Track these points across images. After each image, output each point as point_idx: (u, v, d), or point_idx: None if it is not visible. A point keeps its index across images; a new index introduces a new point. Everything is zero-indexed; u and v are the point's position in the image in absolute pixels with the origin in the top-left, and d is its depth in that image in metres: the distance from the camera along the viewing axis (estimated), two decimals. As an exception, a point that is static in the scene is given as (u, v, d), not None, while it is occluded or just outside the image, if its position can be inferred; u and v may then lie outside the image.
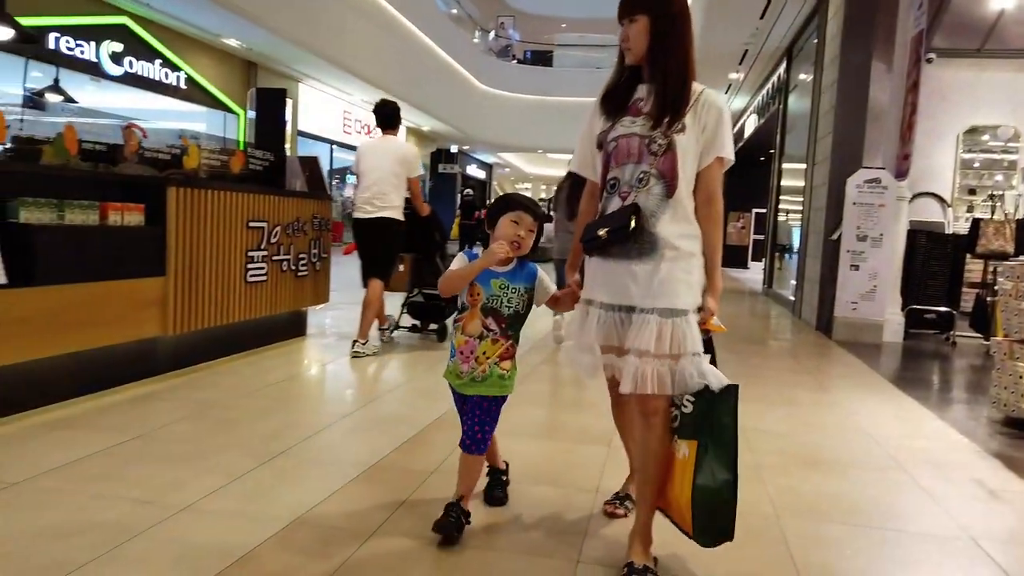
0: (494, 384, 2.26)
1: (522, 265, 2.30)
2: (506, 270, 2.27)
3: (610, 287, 2.09)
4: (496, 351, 2.25)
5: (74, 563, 1.95)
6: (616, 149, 2.09)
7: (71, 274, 3.36)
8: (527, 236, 2.26)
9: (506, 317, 2.26)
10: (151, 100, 11.99)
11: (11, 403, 3.17)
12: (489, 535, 2.31)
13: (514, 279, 2.27)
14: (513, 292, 2.26)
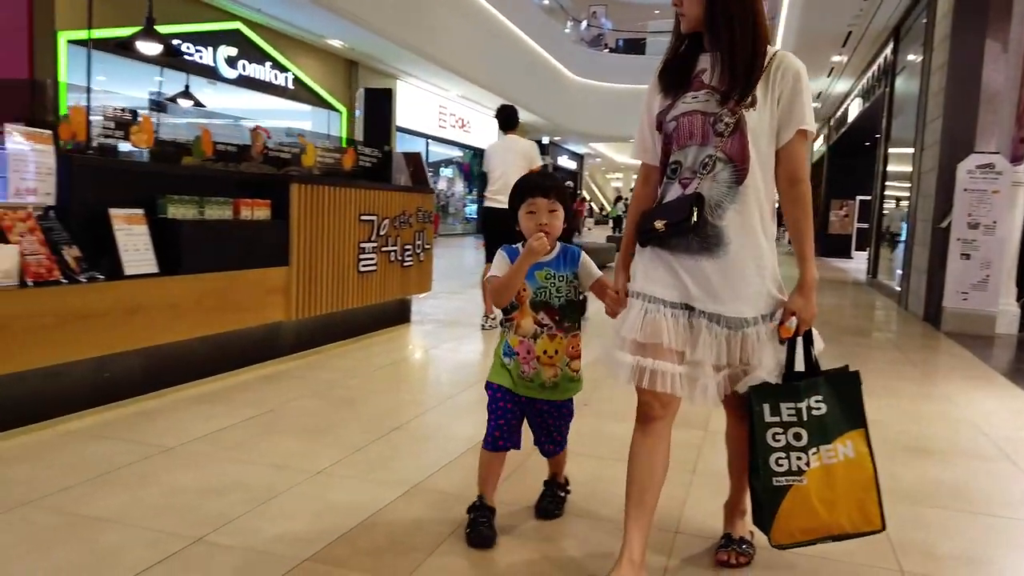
0: (565, 388, 2.16)
1: (564, 250, 2.15)
2: (549, 259, 2.12)
3: (667, 282, 1.83)
4: (556, 347, 2.11)
5: (231, 515, 2.24)
6: (677, 129, 1.83)
7: (210, 264, 3.73)
8: (552, 218, 2.07)
9: (558, 308, 2.11)
10: (262, 101, 12.71)
11: (162, 380, 3.56)
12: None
13: (559, 266, 2.13)
14: (560, 280, 2.11)
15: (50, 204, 3.10)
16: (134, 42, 5.40)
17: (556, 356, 2.12)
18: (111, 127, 3.52)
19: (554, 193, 2.09)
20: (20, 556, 1.95)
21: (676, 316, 1.81)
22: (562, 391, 2.16)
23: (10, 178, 2.93)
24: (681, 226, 1.76)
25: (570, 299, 2.13)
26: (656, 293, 1.82)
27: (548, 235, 2.05)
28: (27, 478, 2.45)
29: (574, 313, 2.14)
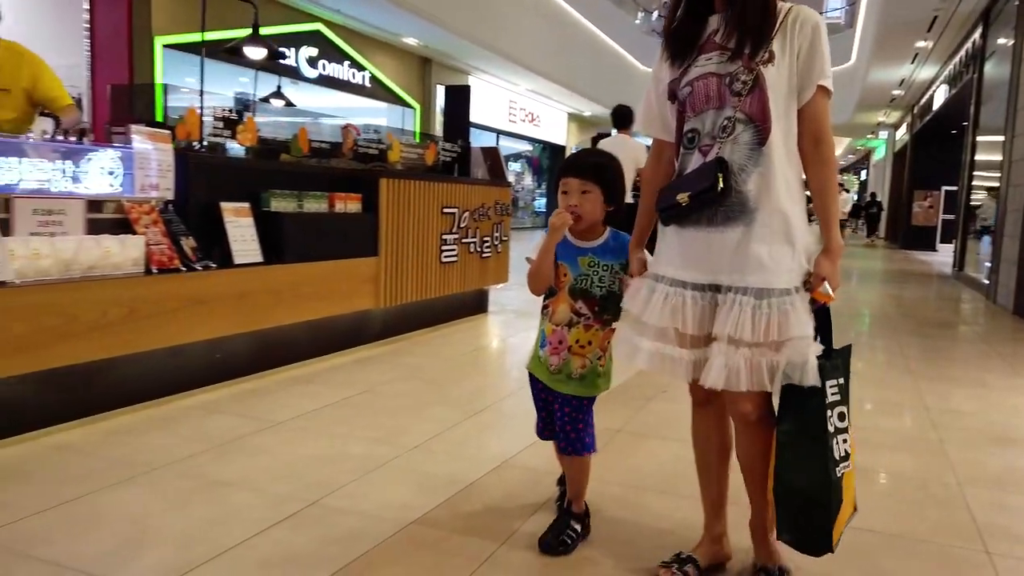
0: (590, 384, 2.04)
1: (614, 236, 2.01)
2: (594, 244, 2.00)
3: (690, 260, 1.73)
4: (590, 338, 2.00)
5: (341, 482, 2.44)
6: (692, 95, 1.72)
7: (308, 254, 3.97)
8: (584, 200, 1.93)
9: (598, 299, 1.99)
10: (340, 99, 13.14)
11: (266, 361, 3.83)
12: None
13: (603, 254, 1.99)
14: (604, 270, 1.99)
15: (169, 198, 3.38)
16: (241, 47, 5.76)
17: (588, 348, 2.01)
18: (220, 126, 3.80)
19: (590, 173, 1.95)
20: (163, 512, 2.19)
21: (697, 299, 1.71)
22: (588, 385, 2.03)
23: (136, 175, 3.22)
24: (706, 195, 1.65)
25: (612, 291, 1.98)
26: (679, 275, 1.74)
27: (580, 218, 1.93)
28: (160, 446, 2.71)
29: (615, 306, 1.98)
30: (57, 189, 2.95)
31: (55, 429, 2.80)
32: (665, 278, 1.77)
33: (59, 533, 2.01)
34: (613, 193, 1.99)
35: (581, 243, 2.00)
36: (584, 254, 2.00)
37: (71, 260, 2.85)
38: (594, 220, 1.98)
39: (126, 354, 3.05)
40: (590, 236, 2.00)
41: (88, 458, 2.57)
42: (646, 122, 1.93)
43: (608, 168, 2.00)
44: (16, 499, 2.21)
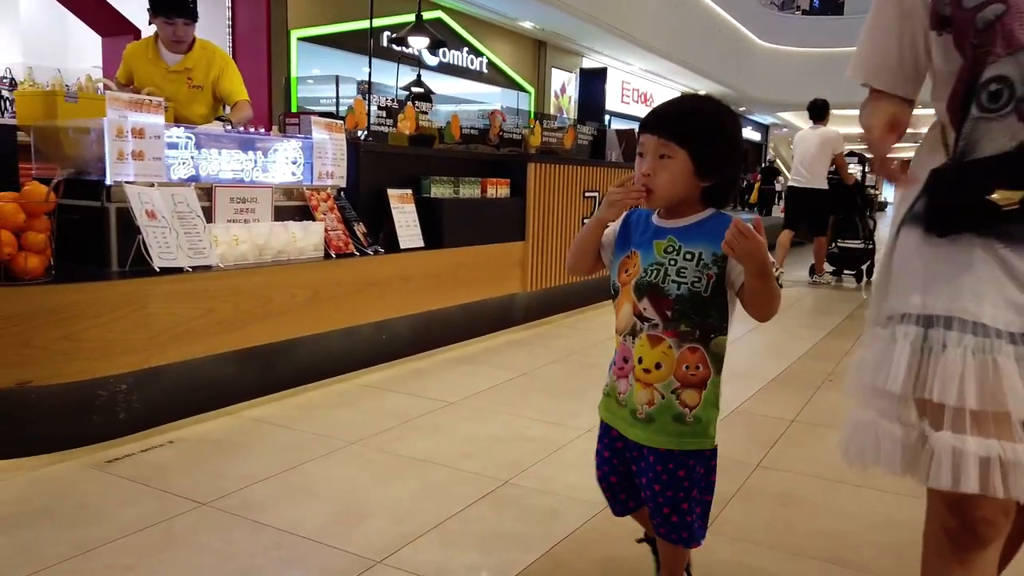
0: (667, 430, 1.39)
1: (711, 219, 1.40)
2: (679, 224, 1.40)
3: (1011, 298, 1.11)
4: (659, 358, 1.38)
5: (525, 463, 2.49)
6: (1004, 18, 1.08)
7: (464, 239, 4.06)
8: (661, 166, 1.36)
9: (674, 299, 1.36)
10: (459, 85, 13.33)
11: (426, 342, 3.95)
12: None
13: (690, 238, 1.38)
14: (689, 259, 1.36)
15: (342, 186, 3.52)
16: (406, 37, 6.18)
17: (656, 373, 1.38)
18: (383, 116, 3.92)
19: (671, 128, 1.35)
20: (367, 487, 2.30)
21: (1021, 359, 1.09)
22: (660, 432, 1.39)
23: (314, 163, 3.38)
24: None
25: (696, 291, 1.35)
26: (989, 319, 1.10)
27: (649, 193, 1.37)
28: (350, 422, 2.85)
29: (703, 315, 1.36)
30: (249, 178, 3.13)
31: (252, 403, 2.99)
32: (962, 321, 1.10)
33: (281, 501, 2.15)
34: (710, 160, 1.36)
35: (664, 222, 1.42)
36: (663, 236, 1.40)
37: (264, 245, 3.03)
38: (672, 197, 1.38)
39: (308, 335, 3.21)
40: (680, 213, 1.41)
41: (288, 432, 2.73)
42: (877, 68, 1.32)
43: (704, 121, 1.38)
44: (236, 469, 2.37)
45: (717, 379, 1.41)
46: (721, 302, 1.38)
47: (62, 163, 2.76)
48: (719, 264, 1.36)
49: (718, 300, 1.37)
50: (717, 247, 1.32)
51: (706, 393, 1.40)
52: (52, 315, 2.30)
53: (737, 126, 1.43)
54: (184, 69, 3.49)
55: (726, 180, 1.40)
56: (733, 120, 1.43)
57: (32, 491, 2.16)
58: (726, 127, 1.40)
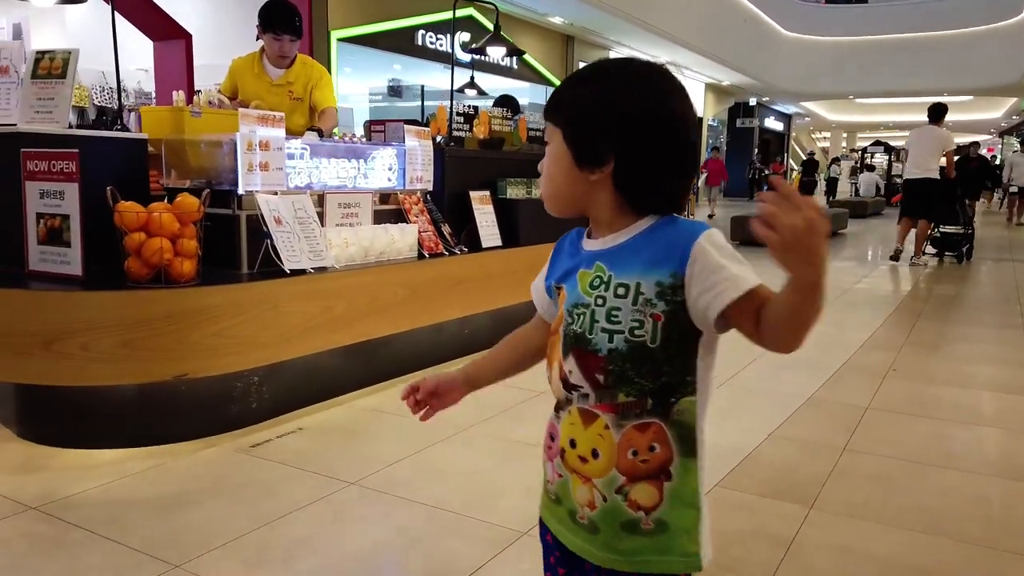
0: (618, 544, 0.96)
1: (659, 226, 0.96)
2: (608, 244, 0.97)
3: None
4: (593, 442, 0.96)
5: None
6: None
7: (536, 237, 4.27)
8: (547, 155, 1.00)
9: (605, 357, 0.94)
10: (490, 81, 13.51)
11: (505, 335, 4.17)
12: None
13: (623, 263, 0.95)
14: (621, 294, 0.93)
15: (429, 189, 3.74)
16: (484, 47, 6.61)
17: (593, 464, 0.96)
18: (460, 121, 4.13)
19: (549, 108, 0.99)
20: (493, 468, 2.52)
21: None
22: (607, 548, 0.96)
23: (407, 169, 3.60)
24: None
25: (639, 341, 0.92)
26: None
27: None
28: (457, 411, 3.06)
29: (652, 374, 0.92)
30: (352, 185, 3.36)
31: (360, 394, 3.23)
32: None
33: (420, 481, 2.38)
34: (586, 137, 0.94)
35: (592, 243, 0.99)
36: (589, 263, 0.97)
37: (369, 247, 3.25)
38: (555, 197, 1.00)
39: (405, 330, 3.44)
40: (610, 227, 0.97)
41: (402, 419, 2.95)
42: None
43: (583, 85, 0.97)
44: (369, 452, 2.61)
45: (689, 463, 0.93)
46: (681, 350, 0.91)
47: (190, 174, 3.00)
48: (668, 296, 0.89)
49: (674, 348, 0.90)
50: (664, 269, 0.89)
51: (672, 486, 0.92)
52: (203, 314, 2.54)
53: (647, 87, 0.92)
54: (286, 83, 3.72)
55: (640, 170, 0.92)
56: (639, 80, 0.93)
57: (196, 472, 2.41)
58: (619, 88, 0.92)
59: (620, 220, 0.97)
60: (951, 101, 25.99)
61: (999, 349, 4.42)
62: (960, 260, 8.47)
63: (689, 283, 0.89)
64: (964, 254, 8.51)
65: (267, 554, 1.92)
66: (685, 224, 0.94)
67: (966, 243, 8.52)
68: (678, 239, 0.91)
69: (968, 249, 8.55)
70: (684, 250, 0.89)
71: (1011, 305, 5.83)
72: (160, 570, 1.81)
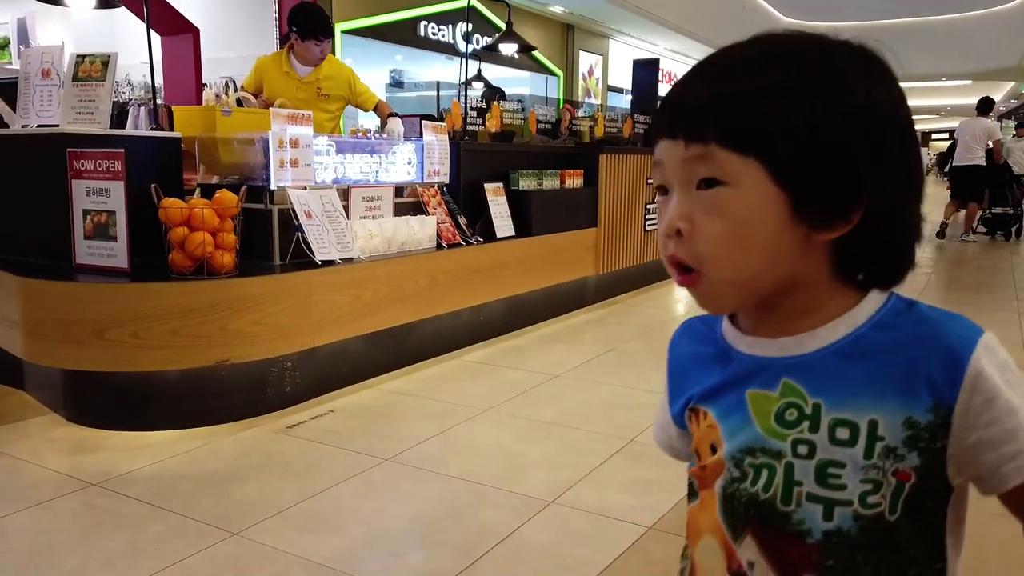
0: None
1: (888, 313, 0.60)
2: (801, 345, 0.61)
3: None
4: None
5: (642, 425, 2.87)
6: None
7: (548, 227, 4.43)
8: (705, 204, 0.59)
9: (819, 545, 0.58)
10: (491, 72, 13.61)
11: (514, 323, 4.34)
12: None
13: (840, 381, 0.59)
14: (844, 438, 0.58)
15: (445, 182, 3.90)
16: (497, 44, 6.77)
17: None
18: (473, 115, 4.28)
19: (716, 119, 0.58)
20: (516, 444, 2.69)
21: None
22: None
23: (425, 163, 3.75)
24: None
25: (879, 519, 0.58)
26: None
27: (695, 277, 0.60)
28: (476, 392, 3.24)
29: (894, 570, 0.59)
30: (374, 179, 3.51)
31: (384, 378, 3.39)
32: None
33: (450, 457, 2.55)
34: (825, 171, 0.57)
35: (761, 342, 0.64)
36: (768, 379, 0.63)
37: (391, 238, 3.41)
38: (743, 276, 0.60)
39: (425, 317, 3.60)
40: (793, 313, 0.62)
41: (427, 401, 3.13)
42: None
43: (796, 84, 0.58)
44: (399, 431, 2.78)
45: None
46: (929, 524, 0.60)
47: (221, 171, 3.15)
48: (925, 442, 0.57)
49: (922, 522, 0.59)
50: (918, 397, 0.57)
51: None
52: (243, 303, 2.70)
53: (887, 80, 0.61)
54: (315, 80, 3.87)
55: (892, 217, 0.60)
56: (874, 71, 0.61)
57: (241, 451, 2.57)
58: (860, 87, 0.59)
59: (831, 304, 0.60)
60: (949, 86, 25.96)
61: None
62: (1008, 238, 9.34)
63: (962, 424, 0.55)
64: (1013, 233, 9.38)
65: (318, 522, 2.09)
66: (937, 318, 0.58)
67: (1015, 223, 9.40)
68: (936, 345, 0.56)
69: (1017, 228, 9.43)
70: (953, 368, 0.55)
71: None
72: (221, 537, 1.98)
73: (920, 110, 34.17)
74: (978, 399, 0.56)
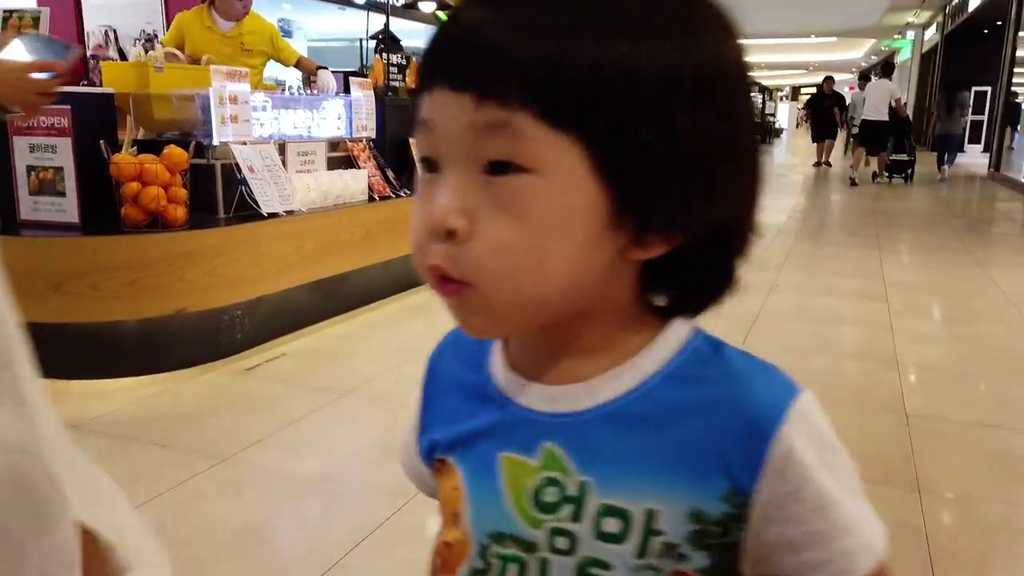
0: None
1: (685, 370, 0.46)
2: (583, 398, 0.46)
3: None
4: None
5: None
6: None
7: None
8: (493, 197, 0.41)
9: None
10: (399, 26, 13.43)
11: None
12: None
13: (618, 453, 0.45)
14: (614, 530, 0.44)
15: (373, 137, 4.06)
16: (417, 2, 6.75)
17: None
18: (395, 71, 4.43)
19: (518, 83, 0.39)
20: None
21: None
22: None
23: (353, 119, 3.90)
24: None
25: None
26: None
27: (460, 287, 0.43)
28: (417, 334, 3.49)
29: None
30: (308, 134, 3.64)
31: (326, 324, 3.59)
32: None
33: (400, 390, 2.81)
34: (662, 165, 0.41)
35: (530, 388, 0.48)
36: (520, 438, 0.48)
37: (327, 191, 3.57)
38: (531, 297, 0.43)
39: (361, 267, 3.80)
40: (574, 348, 0.47)
41: (371, 342, 3.36)
42: None
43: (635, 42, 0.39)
44: (353, 369, 3.01)
45: None
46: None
47: (157, 127, 3.20)
48: (715, 538, 0.44)
49: None
50: (709, 481, 0.44)
51: None
52: (198, 254, 2.83)
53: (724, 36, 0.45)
54: (238, 35, 3.90)
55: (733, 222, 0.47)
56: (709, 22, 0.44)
57: (205, 392, 2.74)
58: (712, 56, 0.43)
59: (628, 340, 0.47)
60: (817, 43, 27.45)
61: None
62: (907, 180, 10.93)
63: (762, 514, 0.44)
64: (908, 176, 10.98)
65: (297, 447, 2.32)
66: (743, 373, 0.47)
67: (909, 168, 11.00)
68: (736, 412, 0.44)
69: (910, 172, 10.98)
70: (754, 444, 0.43)
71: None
72: (213, 462, 2.18)
73: (792, 65, 36.12)
74: (784, 488, 0.43)
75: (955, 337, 3.65)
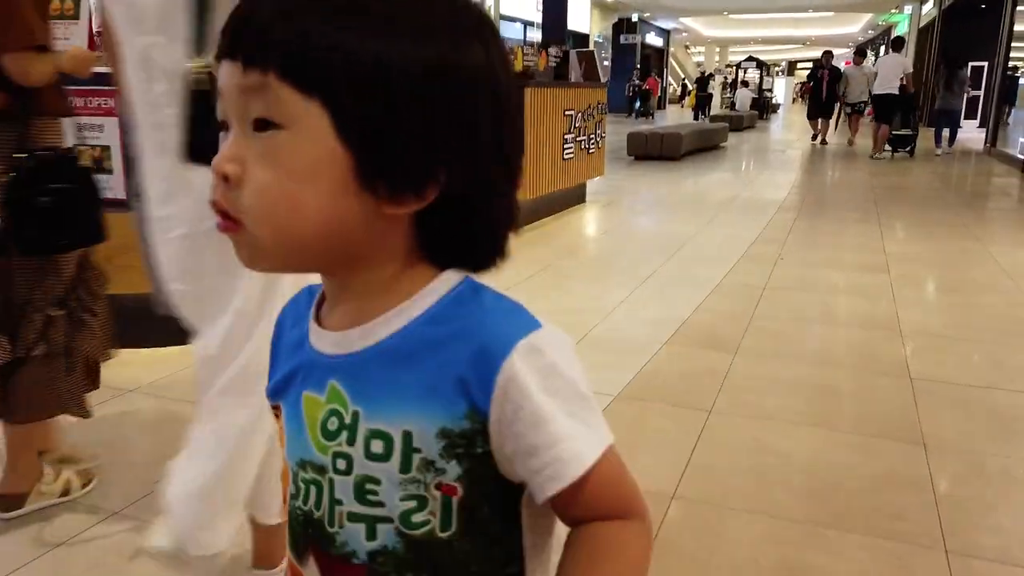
0: None
1: (445, 312, 0.54)
2: (356, 341, 0.54)
3: None
4: None
5: (591, 324, 3.38)
6: None
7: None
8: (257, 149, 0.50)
9: (365, 567, 0.54)
10: None
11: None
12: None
13: (379, 385, 0.53)
14: (379, 451, 0.52)
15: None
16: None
17: None
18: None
19: (271, 51, 0.48)
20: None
21: None
22: None
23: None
24: None
25: (430, 536, 0.53)
26: None
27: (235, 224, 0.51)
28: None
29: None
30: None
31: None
32: None
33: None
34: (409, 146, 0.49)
35: (324, 336, 0.57)
36: (314, 376, 0.56)
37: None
38: (293, 242, 0.51)
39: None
40: (360, 293, 0.55)
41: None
42: None
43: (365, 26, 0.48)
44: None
45: None
46: (494, 537, 0.55)
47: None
48: (462, 449, 0.52)
49: (484, 537, 0.55)
50: (450, 402, 0.51)
51: None
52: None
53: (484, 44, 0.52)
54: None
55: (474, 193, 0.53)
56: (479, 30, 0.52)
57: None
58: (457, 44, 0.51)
59: (406, 285, 0.54)
60: (814, 17, 27.33)
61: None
62: (911, 154, 11.07)
63: (497, 431, 0.51)
64: (911, 151, 11.12)
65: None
66: (487, 311, 0.54)
67: (911, 143, 11.13)
68: (472, 343, 0.51)
69: (912, 147, 11.12)
70: (485, 370, 0.50)
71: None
72: (269, 423, 2.34)
73: (789, 40, 36.05)
74: (509, 407, 0.50)
75: (954, 306, 3.82)
